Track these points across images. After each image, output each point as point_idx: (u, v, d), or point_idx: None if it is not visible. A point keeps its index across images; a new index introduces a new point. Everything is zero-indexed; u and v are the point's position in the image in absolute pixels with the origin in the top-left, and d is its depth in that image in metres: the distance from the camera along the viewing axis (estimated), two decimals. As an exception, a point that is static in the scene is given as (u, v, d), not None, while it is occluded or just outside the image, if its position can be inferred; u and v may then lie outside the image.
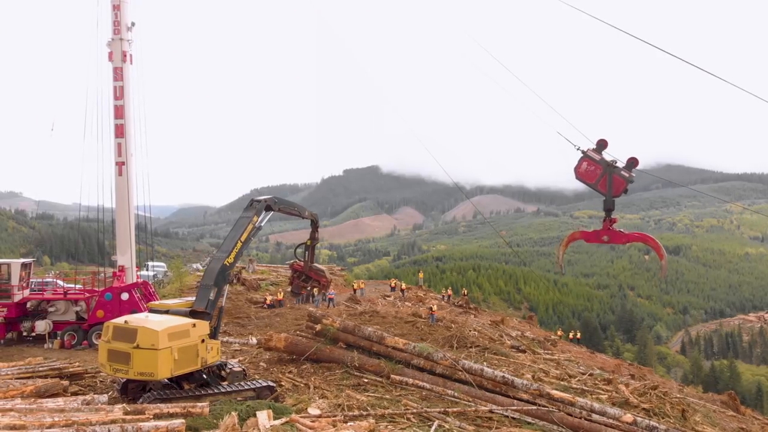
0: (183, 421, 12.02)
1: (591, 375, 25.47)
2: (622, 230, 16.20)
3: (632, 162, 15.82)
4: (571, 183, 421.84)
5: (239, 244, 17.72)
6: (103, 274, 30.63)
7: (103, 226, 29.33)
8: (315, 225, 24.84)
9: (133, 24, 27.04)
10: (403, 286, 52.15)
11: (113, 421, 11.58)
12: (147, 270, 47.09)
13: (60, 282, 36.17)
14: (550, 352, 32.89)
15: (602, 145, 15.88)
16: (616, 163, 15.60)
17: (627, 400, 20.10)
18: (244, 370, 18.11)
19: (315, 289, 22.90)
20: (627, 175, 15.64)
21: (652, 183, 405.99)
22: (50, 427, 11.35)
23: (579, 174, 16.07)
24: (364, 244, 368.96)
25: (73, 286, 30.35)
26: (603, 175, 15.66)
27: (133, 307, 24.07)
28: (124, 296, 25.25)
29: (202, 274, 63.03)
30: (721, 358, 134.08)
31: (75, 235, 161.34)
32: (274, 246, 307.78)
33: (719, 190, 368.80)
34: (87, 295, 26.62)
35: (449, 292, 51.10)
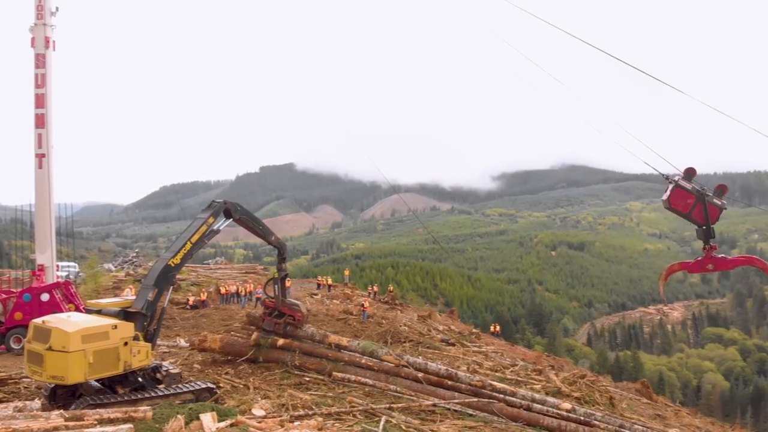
0: (131, 426, 11.46)
1: (520, 366, 26.38)
2: (724, 256, 15.89)
3: (722, 189, 15.62)
4: (483, 183, 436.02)
5: (188, 245, 16.94)
6: (9, 275, 28.61)
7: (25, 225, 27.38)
8: (282, 255, 21.81)
9: (57, 9, 25.56)
10: (330, 281, 52.26)
11: (56, 429, 10.88)
12: (58, 270, 44.52)
13: None
14: (477, 345, 33.81)
15: (691, 173, 15.56)
16: (705, 191, 15.34)
17: (559, 389, 20.97)
18: (180, 372, 17.48)
19: (290, 326, 21.36)
20: (719, 203, 15.43)
21: (557, 182, 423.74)
22: (-15, 438, 10.54)
23: (672, 204, 15.60)
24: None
25: None
26: (696, 204, 15.40)
27: (54, 309, 22.53)
28: (44, 297, 23.66)
29: (114, 274, 60.41)
30: (625, 349, 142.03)
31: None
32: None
33: (619, 190, 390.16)
34: (4, 296, 24.80)
35: (375, 288, 51.41)
